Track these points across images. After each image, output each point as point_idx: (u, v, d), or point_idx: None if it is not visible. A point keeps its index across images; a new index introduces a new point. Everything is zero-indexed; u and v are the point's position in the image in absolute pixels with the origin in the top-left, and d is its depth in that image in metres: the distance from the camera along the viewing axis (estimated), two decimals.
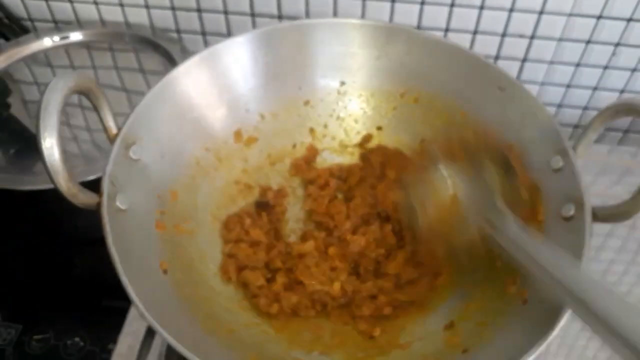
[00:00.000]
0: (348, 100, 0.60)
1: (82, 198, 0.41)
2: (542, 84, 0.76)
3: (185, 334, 0.39)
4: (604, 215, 0.43)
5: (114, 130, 0.46)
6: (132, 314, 0.55)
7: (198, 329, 0.42)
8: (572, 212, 0.45)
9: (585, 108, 0.77)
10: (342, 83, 0.59)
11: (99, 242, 0.40)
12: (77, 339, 0.59)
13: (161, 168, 0.49)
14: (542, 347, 0.37)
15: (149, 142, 0.48)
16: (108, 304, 0.62)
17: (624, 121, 0.78)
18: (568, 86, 0.76)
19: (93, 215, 0.41)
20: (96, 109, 0.45)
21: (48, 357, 0.58)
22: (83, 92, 0.42)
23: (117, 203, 0.43)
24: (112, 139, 0.46)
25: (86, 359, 0.58)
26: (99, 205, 0.42)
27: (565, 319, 0.38)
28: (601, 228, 0.61)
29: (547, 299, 0.41)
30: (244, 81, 0.56)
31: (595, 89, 0.75)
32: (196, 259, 0.49)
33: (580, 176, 0.45)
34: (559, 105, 0.78)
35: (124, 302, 0.56)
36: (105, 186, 0.43)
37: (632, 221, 0.62)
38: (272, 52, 0.56)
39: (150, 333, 0.53)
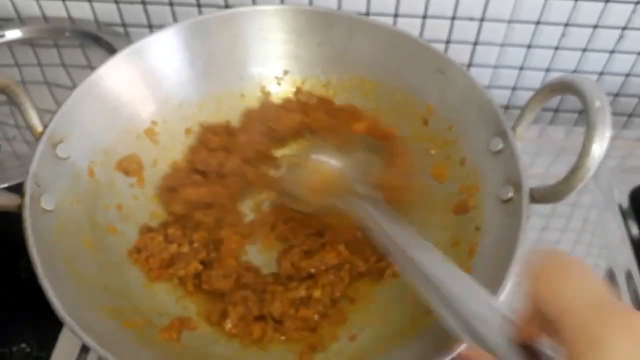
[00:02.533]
0: (292, 88, 0.58)
1: (2, 199, 0.40)
2: (495, 67, 0.76)
3: (117, 341, 0.38)
4: (540, 196, 0.43)
5: (39, 128, 0.44)
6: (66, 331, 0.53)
7: (128, 332, 0.40)
8: (510, 194, 0.44)
9: (514, 88, 0.77)
10: (285, 72, 0.58)
11: None
12: (23, 345, 0.58)
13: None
14: None
15: (78, 139, 0.47)
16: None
17: (554, 100, 0.78)
18: (521, 68, 0.75)
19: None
20: (18, 107, 0.43)
21: None
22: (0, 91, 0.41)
23: (42, 204, 0.42)
24: (37, 137, 0.44)
25: None
26: (20, 207, 0.40)
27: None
28: (544, 208, 0.61)
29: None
30: (180, 72, 0.54)
31: (547, 70, 0.75)
32: (125, 264, 0.47)
33: (519, 157, 0.45)
34: (513, 88, 0.78)
35: None
36: (29, 186, 0.41)
37: (574, 199, 0.63)
38: (208, 42, 0.54)
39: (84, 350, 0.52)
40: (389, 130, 0.55)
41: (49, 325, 0.58)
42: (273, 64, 0.58)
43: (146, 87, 0.52)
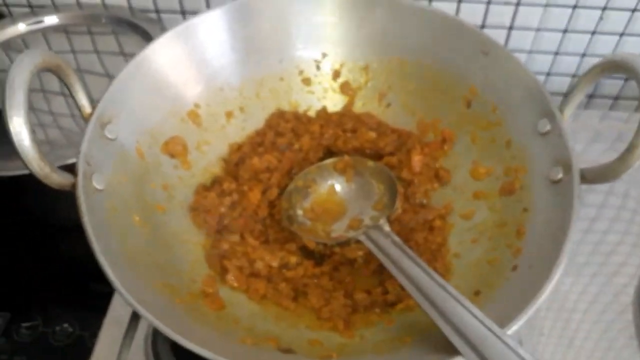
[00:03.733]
0: (328, 73, 0.58)
1: (56, 179, 0.40)
2: (530, 52, 0.75)
3: (170, 316, 0.38)
4: (592, 176, 0.42)
5: (87, 109, 0.45)
6: (116, 298, 0.54)
7: (180, 307, 0.41)
8: (560, 175, 0.44)
9: (574, 76, 0.76)
10: (324, 55, 0.58)
11: (82, 228, 0.39)
12: (65, 325, 0.59)
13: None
14: (532, 310, 0.37)
15: (126, 120, 0.47)
16: (95, 288, 0.61)
17: (615, 86, 0.77)
18: (556, 53, 0.75)
19: (74, 203, 0.40)
20: (68, 88, 0.44)
21: (37, 344, 0.57)
22: (51, 70, 0.41)
23: (94, 183, 0.42)
24: (86, 118, 0.44)
25: (76, 344, 0.57)
26: (74, 186, 0.41)
27: (555, 280, 0.38)
28: (594, 199, 0.61)
29: (537, 263, 0.41)
30: (222, 56, 0.54)
31: (583, 55, 0.74)
32: (177, 241, 0.47)
33: (567, 138, 0.44)
34: (548, 74, 0.77)
35: (110, 287, 0.56)
36: (81, 166, 0.41)
37: (625, 189, 0.62)
38: (250, 25, 0.54)
39: (135, 317, 0.53)
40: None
41: (90, 307, 0.59)
42: (312, 46, 0.57)
43: (190, 69, 0.52)
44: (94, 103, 0.45)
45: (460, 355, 0.35)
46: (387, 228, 0.47)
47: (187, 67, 0.52)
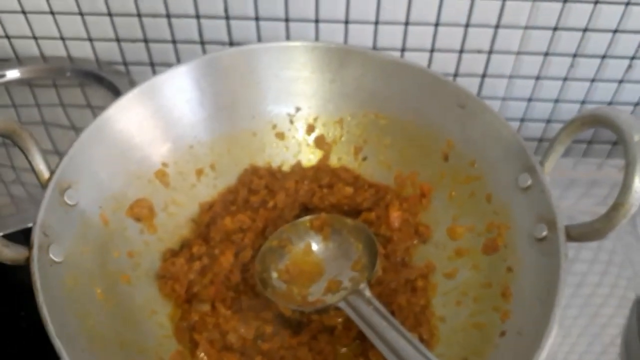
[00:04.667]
0: (302, 127, 0.57)
1: (8, 254, 0.37)
2: (504, 99, 0.75)
3: None
4: (577, 234, 0.41)
5: (45, 174, 0.42)
6: None
7: None
8: (544, 233, 0.42)
9: (548, 121, 0.76)
10: (298, 109, 0.56)
11: None
12: None
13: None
14: None
15: (87, 185, 0.44)
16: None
17: (588, 132, 0.77)
18: (529, 100, 0.74)
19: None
20: (24, 153, 0.41)
21: None
22: (5, 135, 0.38)
23: (51, 255, 0.39)
24: (44, 184, 0.42)
25: None
26: (28, 260, 0.37)
27: (547, 350, 0.36)
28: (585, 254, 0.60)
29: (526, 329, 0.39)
30: (190, 113, 0.52)
31: (556, 101, 0.74)
32: (143, 315, 0.44)
33: (550, 194, 0.43)
34: (522, 120, 0.77)
35: None
36: (37, 237, 0.38)
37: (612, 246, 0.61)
38: (219, 81, 0.52)
39: None
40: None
41: None
42: (284, 101, 0.56)
43: (156, 128, 0.50)
44: (51, 168, 0.42)
45: None
46: (368, 293, 0.44)
47: (153, 127, 0.50)
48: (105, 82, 0.72)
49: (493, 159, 0.48)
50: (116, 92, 0.70)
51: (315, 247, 0.51)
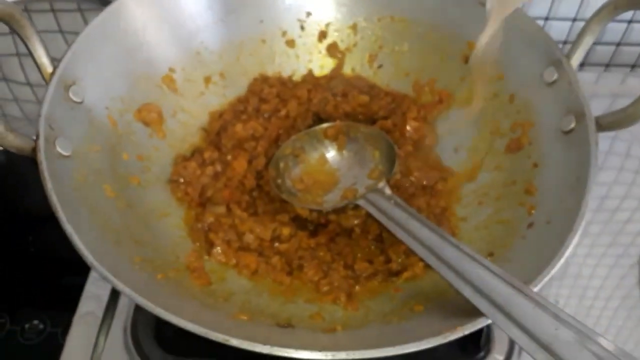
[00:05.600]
0: (313, 34, 0.54)
1: (13, 140, 0.35)
2: None
3: (152, 292, 0.34)
4: (607, 122, 0.39)
5: (48, 68, 0.40)
6: (91, 279, 0.49)
7: (163, 283, 0.36)
8: (572, 125, 0.40)
9: (575, 19, 0.72)
10: (308, 14, 0.53)
11: (55, 217, 0.34)
12: (36, 322, 0.53)
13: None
14: (555, 269, 0.33)
15: (93, 82, 0.42)
16: (67, 282, 0.56)
17: (606, 53, 0.74)
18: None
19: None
20: (24, 43, 0.39)
21: (5, 343, 0.52)
22: (3, 20, 0.36)
23: (58, 148, 0.37)
24: (47, 78, 0.40)
25: (47, 342, 0.52)
26: (34, 150, 0.36)
27: (579, 234, 0.34)
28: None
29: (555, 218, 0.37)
30: (198, 16, 0.50)
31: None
32: (155, 216, 0.43)
33: (578, 85, 0.41)
34: (546, 19, 0.73)
35: (84, 279, 0.51)
36: (42, 128, 0.37)
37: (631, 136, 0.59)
38: None
39: (110, 308, 0.47)
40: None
41: (62, 302, 0.54)
42: (295, 5, 0.53)
43: (162, 30, 0.48)
44: (55, 62, 0.40)
45: (484, 316, 0.31)
46: (388, 191, 0.43)
47: (159, 28, 0.47)
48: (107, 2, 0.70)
49: (516, 56, 0.46)
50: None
51: (329, 156, 0.50)
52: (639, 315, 0.49)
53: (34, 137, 0.36)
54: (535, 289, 0.32)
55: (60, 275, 0.56)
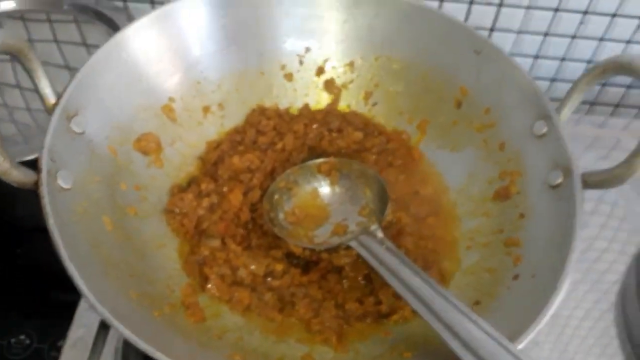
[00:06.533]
0: (311, 69, 0.55)
1: (17, 176, 0.35)
2: (511, 54, 0.74)
3: (148, 329, 0.34)
4: (594, 181, 0.41)
5: (51, 99, 0.40)
6: (82, 305, 0.49)
7: (159, 320, 0.37)
8: (559, 180, 0.42)
9: (554, 80, 0.76)
10: (307, 49, 0.55)
11: (44, 229, 0.35)
12: (22, 337, 0.53)
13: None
14: (539, 327, 0.35)
15: (94, 113, 0.43)
16: (55, 296, 0.56)
17: (591, 93, 0.77)
18: (536, 57, 0.74)
19: (36, 200, 0.36)
20: (29, 75, 0.39)
21: None
22: (12, 53, 0.37)
23: (59, 181, 0.38)
24: (50, 110, 0.40)
25: (33, 358, 0.52)
26: (37, 184, 0.36)
27: (564, 292, 0.36)
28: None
29: (540, 272, 0.39)
30: (199, 46, 0.51)
31: (563, 59, 0.73)
32: (152, 247, 0.43)
33: (566, 141, 0.43)
34: (553, 80, 0.76)
35: (74, 294, 0.51)
36: (45, 161, 0.37)
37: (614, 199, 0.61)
38: (230, 13, 0.51)
39: (104, 326, 0.48)
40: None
41: (49, 316, 0.54)
42: (295, 40, 0.54)
43: (165, 59, 0.48)
44: (57, 93, 0.40)
45: None
46: (380, 234, 0.44)
47: (161, 58, 0.48)
48: (103, 18, 0.70)
49: (508, 106, 0.48)
50: (115, 29, 0.68)
51: (322, 191, 0.51)
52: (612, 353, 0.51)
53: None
54: (520, 347, 0.33)
55: (48, 288, 0.56)
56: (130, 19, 0.69)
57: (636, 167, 0.38)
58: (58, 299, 0.55)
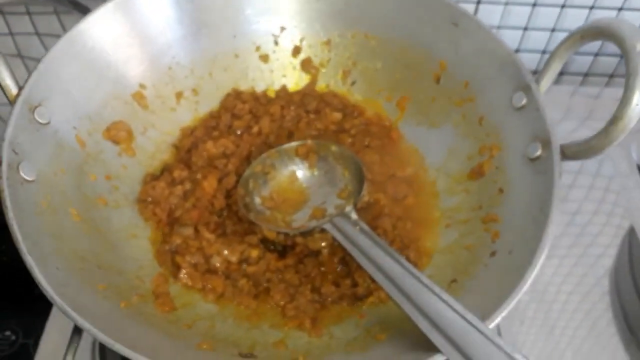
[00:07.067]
0: (287, 49, 0.54)
1: None
2: (499, 27, 0.72)
3: (114, 323, 0.34)
4: (572, 152, 0.39)
5: (13, 90, 0.39)
6: None
7: (125, 312, 0.36)
8: (538, 152, 0.41)
9: (544, 52, 0.74)
10: (282, 29, 0.53)
11: None
12: (7, 333, 0.53)
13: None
14: (511, 305, 0.33)
15: (60, 103, 0.42)
16: (41, 292, 0.55)
17: (585, 63, 0.75)
18: (525, 29, 0.72)
19: None
20: None
21: None
22: None
23: (22, 173, 0.37)
24: (12, 101, 0.39)
25: (19, 353, 0.52)
26: None
27: (539, 267, 0.35)
28: (568, 167, 0.58)
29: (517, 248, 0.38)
30: (168, 31, 0.49)
31: (552, 30, 0.71)
32: (122, 237, 0.43)
33: (545, 112, 0.41)
34: (517, 50, 0.74)
35: None
36: (5, 154, 0.36)
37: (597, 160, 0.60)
38: None
39: None
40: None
41: (35, 312, 0.54)
42: (268, 19, 0.53)
43: (132, 46, 0.47)
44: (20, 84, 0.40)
45: (440, 353, 0.31)
46: (354, 216, 0.43)
47: (128, 44, 0.47)
48: (81, 7, 0.69)
49: (486, 79, 0.46)
50: None
51: (300, 174, 0.50)
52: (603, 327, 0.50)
53: None
54: (491, 326, 0.32)
55: (32, 285, 0.56)
56: None
57: (613, 137, 0.36)
58: (42, 295, 0.55)
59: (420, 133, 0.51)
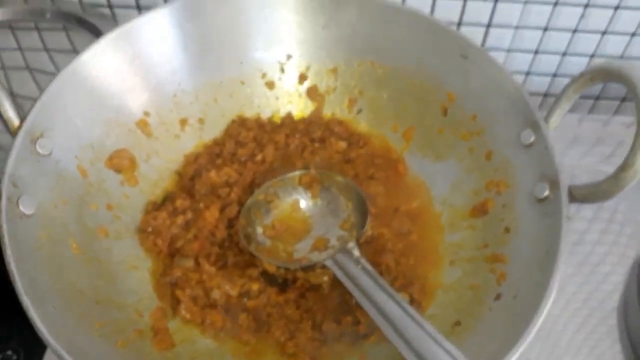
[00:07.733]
0: (293, 76, 0.53)
1: None
2: (509, 50, 0.71)
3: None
4: (581, 195, 0.39)
5: (15, 122, 0.39)
6: None
7: (121, 352, 0.36)
8: (546, 193, 0.40)
9: (555, 75, 0.73)
10: (289, 56, 0.53)
11: None
12: (9, 353, 0.53)
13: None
14: (517, 354, 0.33)
15: (62, 133, 0.42)
16: None
17: (595, 88, 0.74)
18: (536, 52, 0.71)
19: None
20: None
21: None
22: None
23: (21, 207, 0.37)
24: (14, 133, 0.39)
25: None
26: None
27: (544, 314, 0.34)
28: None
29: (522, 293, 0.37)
30: (173, 58, 0.49)
31: (564, 54, 0.70)
32: (122, 269, 0.42)
33: (553, 152, 0.41)
34: (527, 73, 0.73)
35: None
36: (5, 188, 0.36)
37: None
38: (204, 23, 0.49)
39: None
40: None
41: (36, 331, 0.54)
42: (275, 47, 0.52)
43: (136, 75, 0.47)
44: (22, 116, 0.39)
45: None
46: (356, 253, 0.42)
47: (132, 73, 0.47)
48: (89, 25, 0.68)
49: (495, 113, 0.46)
50: (100, 36, 0.66)
51: (303, 203, 0.49)
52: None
53: None
54: None
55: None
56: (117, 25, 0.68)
57: (623, 183, 0.35)
58: None
59: (426, 165, 0.50)
